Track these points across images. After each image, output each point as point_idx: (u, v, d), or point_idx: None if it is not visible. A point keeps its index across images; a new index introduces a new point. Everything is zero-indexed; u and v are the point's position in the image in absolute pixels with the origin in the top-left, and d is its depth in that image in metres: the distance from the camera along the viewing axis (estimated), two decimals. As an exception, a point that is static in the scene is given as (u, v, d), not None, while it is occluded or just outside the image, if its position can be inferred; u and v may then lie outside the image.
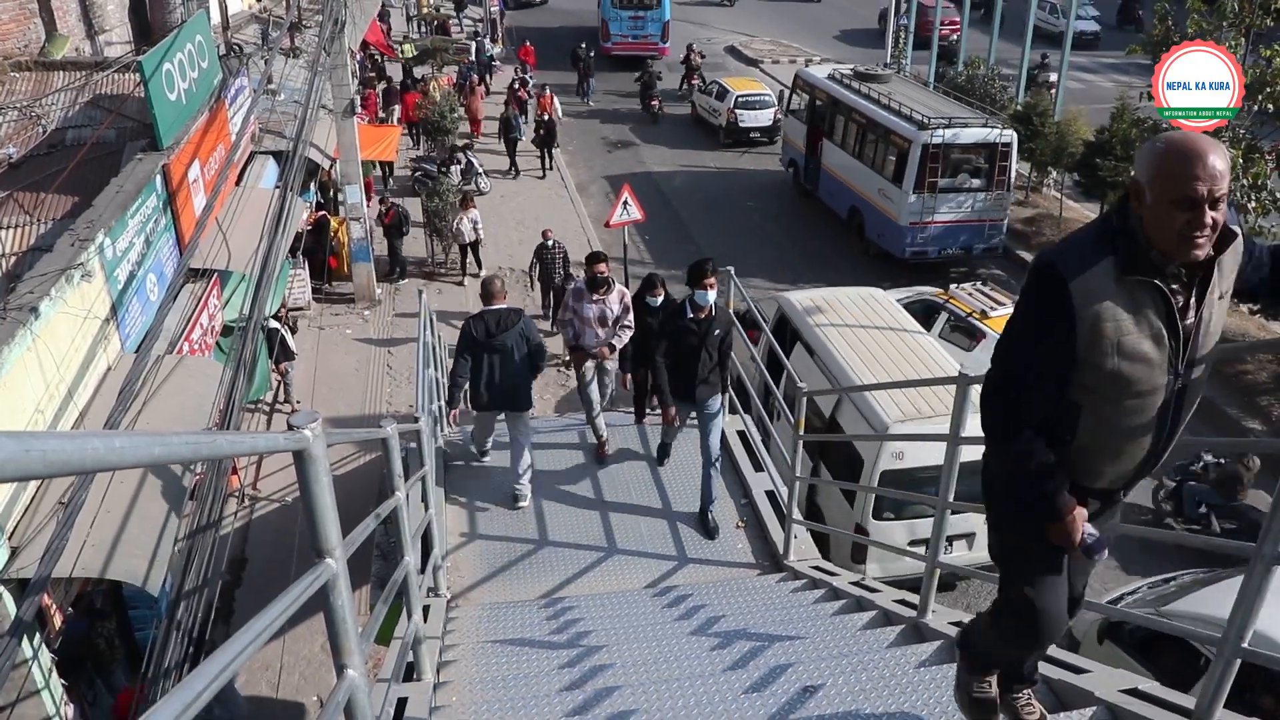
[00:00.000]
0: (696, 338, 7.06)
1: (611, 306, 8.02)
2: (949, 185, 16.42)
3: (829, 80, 19.57)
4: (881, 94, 17.84)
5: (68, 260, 6.91)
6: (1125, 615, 4.92)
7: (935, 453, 6.63)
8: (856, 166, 18.10)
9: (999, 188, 16.67)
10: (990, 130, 16.45)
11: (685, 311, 7.09)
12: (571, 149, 23.72)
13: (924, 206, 16.26)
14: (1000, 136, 16.44)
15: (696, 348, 7.08)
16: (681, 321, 7.11)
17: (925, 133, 16.04)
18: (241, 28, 16.03)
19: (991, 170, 16.55)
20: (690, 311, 7.07)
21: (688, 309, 7.08)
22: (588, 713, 4.18)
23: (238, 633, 1.67)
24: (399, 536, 4.17)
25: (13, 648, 5.54)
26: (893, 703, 3.98)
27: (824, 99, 19.51)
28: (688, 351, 7.09)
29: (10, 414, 5.91)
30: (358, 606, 8.12)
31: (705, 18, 36.65)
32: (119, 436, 1.24)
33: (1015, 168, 17.02)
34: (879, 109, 17.48)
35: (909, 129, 16.39)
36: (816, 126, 19.79)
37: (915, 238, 16.52)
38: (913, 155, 16.11)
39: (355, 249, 15.48)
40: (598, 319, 7.98)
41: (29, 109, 9.61)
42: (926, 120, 16.24)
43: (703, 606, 6.07)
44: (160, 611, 6.81)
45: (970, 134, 16.35)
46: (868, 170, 17.69)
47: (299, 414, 2.06)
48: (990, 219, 16.84)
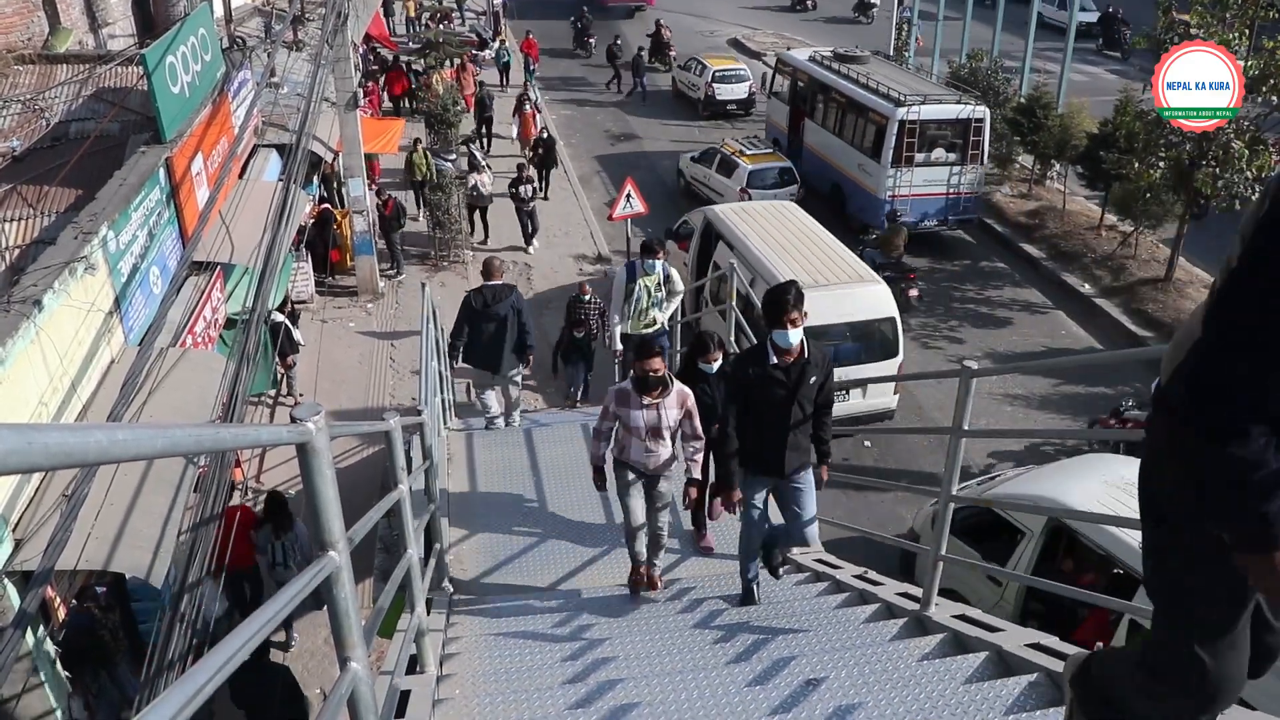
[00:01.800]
0: (784, 389, 5.38)
1: (668, 413, 5.96)
2: (925, 160, 17.13)
3: (810, 62, 20.30)
4: (860, 74, 18.46)
5: (71, 253, 6.92)
6: (963, 499, 5.84)
7: (832, 314, 10.91)
8: (837, 144, 18.78)
9: (973, 162, 17.31)
10: (964, 107, 17.16)
11: (766, 357, 5.35)
12: (574, 142, 23.70)
13: (900, 180, 17.05)
14: (973, 113, 17.10)
15: (784, 403, 5.40)
16: (761, 370, 5.36)
17: (901, 109, 16.69)
18: (244, 21, 16.02)
19: (965, 145, 17.20)
20: (773, 356, 5.35)
21: (769, 353, 5.34)
22: (590, 706, 4.18)
23: (241, 624, 1.67)
24: (402, 529, 4.17)
25: (16, 640, 5.56)
26: (895, 696, 3.98)
27: (805, 80, 20.25)
28: (772, 409, 5.41)
29: (14, 406, 5.92)
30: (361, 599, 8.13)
31: (708, 9, 36.55)
32: (122, 429, 1.24)
33: (988, 143, 17.62)
34: (858, 88, 18.11)
35: (886, 106, 17.03)
36: (798, 107, 20.55)
37: (893, 210, 16.94)
38: (890, 131, 16.81)
39: (358, 242, 15.48)
40: (650, 430, 5.96)
41: (32, 102, 9.62)
42: (902, 97, 16.84)
43: (705, 600, 6.09)
44: (164, 604, 6.83)
45: (944, 110, 17.09)
46: (848, 147, 18.36)
47: (302, 407, 2.06)
48: (965, 191, 17.50)
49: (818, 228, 13.29)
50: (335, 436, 2.21)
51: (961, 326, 15.08)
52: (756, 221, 13.25)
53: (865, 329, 11.63)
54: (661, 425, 5.95)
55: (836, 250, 12.54)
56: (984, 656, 4.24)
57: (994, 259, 17.55)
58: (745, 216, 13.49)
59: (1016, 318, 15.42)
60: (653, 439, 5.97)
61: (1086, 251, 16.73)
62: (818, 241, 12.77)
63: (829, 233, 13.21)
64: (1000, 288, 16.47)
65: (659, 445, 6.01)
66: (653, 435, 5.96)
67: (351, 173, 14.89)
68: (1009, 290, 16.33)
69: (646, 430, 5.94)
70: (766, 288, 10.76)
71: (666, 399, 5.92)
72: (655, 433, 5.96)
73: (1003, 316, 15.42)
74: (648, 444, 5.98)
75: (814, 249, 12.51)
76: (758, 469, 5.57)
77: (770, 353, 5.33)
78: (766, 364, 5.35)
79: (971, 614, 4.88)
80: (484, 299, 8.90)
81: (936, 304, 15.45)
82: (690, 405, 6.00)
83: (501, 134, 22.22)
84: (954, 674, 4.14)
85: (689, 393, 6.04)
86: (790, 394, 5.36)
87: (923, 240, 17.32)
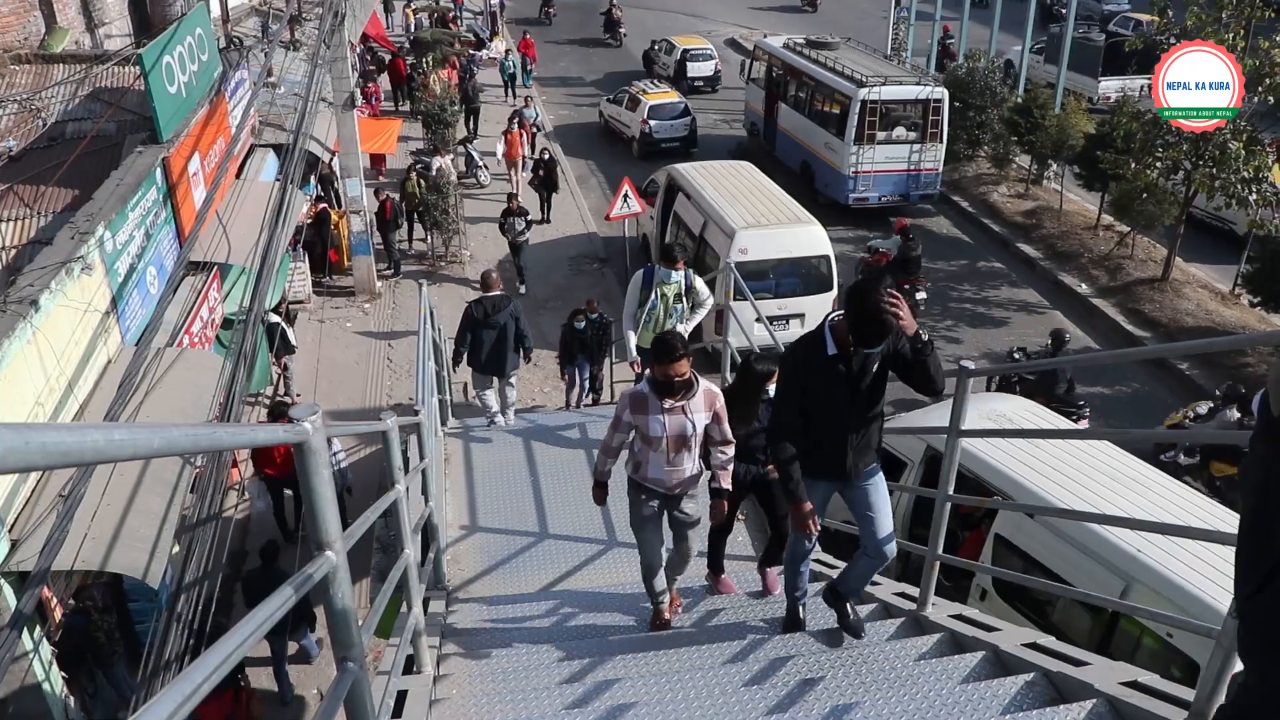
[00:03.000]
0: (844, 383, 4.50)
1: (695, 417, 5.06)
2: (887, 138, 18.11)
3: (784, 49, 21.26)
4: (829, 59, 19.52)
5: (68, 253, 6.91)
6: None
7: (772, 250, 12.82)
8: (807, 125, 19.81)
9: (932, 140, 18.26)
10: (923, 88, 18.20)
11: (823, 344, 4.49)
12: (571, 141, 23.69)
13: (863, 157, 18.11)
14: (932, 93, 18.11)
15: (845, 398, 4.53)
16: (820, 361, 4.50)
17: (864, 90, 17.70)
18: (241, 21, 16.02)
19: (925, 124, 18.14)
20: (832, 344, 4.47)
21: (827, 341, 4.48)
22: (587, 705, 4.18)
23: (238, 625, 1.67)
24: (399, 529, 4.17)
25: (13, 640, 5.55)
26: (892, 695, 3.99)
27: (779, 66, 21.22)
28: (832, 408, 4.56)
29: (10, 406, 5.92)
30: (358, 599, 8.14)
31: (708, 10, 36.55)
32: (119, 429, 1.24)
33: (947, 122, 18.43)
34: (825, 71, 19.16)
35: (849, 87, 18.05)
36: (773, 91, 21.49)
37: (857, 186, 18.19)
38: (853, 110, 17.80)
39: (355, 242, 15.46)
40: (673, 440, 5.06)
41: (29, 102, 9.60)
42: (864, 79, 17.87)
43: (702, 599, 6.08)
44: (160, 604, 6.83)
45: (905, 91, 18.13)
46: (816, 127, 19.41)
47: (299, 407, 2.06)
48: (926, 168, 18.46)
49: (766, 181, 14.83)
50: (332, 436, 2.21)
51: (958, 326, 15.09)
52: (712, 176, 14.82)
53: (803, 264, 13.32)
54: (687, 433, 5.03)
55: (780, 198, 14.11)
56: (981, 656, 4.25)
57: (991, 259, 17.57)
58: (702, 173, 15.06)
59: (1014, 318, 15.43)
60: (676, 451, 5.07)
61: (1083, 251, 16.75)
62: (764, 191, 14.35)
63: (777, 186, 14.70)
64: (997, 287, 16.49)
65: (683, 458, 5.11)
66: (676, 446, 5.06)
67: (349, 173, 14.87)
68: (1006, 290, 16.35)
69: (669, 441, 5.04)
70: (717, 230, 13.15)
71: (692, 400, 5.00)
72: (680, 443, 5.06)
73: (1000, 316, 15.43)
74: (669, 457, 5.08)
75: (760, 197, 14.04)
76: (816, 471, 4.67)
77: (829, 340, 4.50)
78: (823, 354, 4.49)
79: (969, 614, 4.89)
80: (484, 309, 9.35)
81: (934, 304, 15.46)
82: (719, 407, 5.14)
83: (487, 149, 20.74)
84: (951, 674, 4.15)
85: (718, 393, 5.17)
86: (851, 387, 4.50)
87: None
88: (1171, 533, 5.32)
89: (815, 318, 12.94)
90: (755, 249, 12.72)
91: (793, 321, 13.02)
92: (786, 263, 13.19)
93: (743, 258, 12.22)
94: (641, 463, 5.17)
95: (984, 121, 19.96)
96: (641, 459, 5.17)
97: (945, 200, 19.80)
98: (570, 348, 11.61)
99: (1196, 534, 3.89)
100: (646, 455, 5.13)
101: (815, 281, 13.28)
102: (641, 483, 5.21)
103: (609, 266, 16.86)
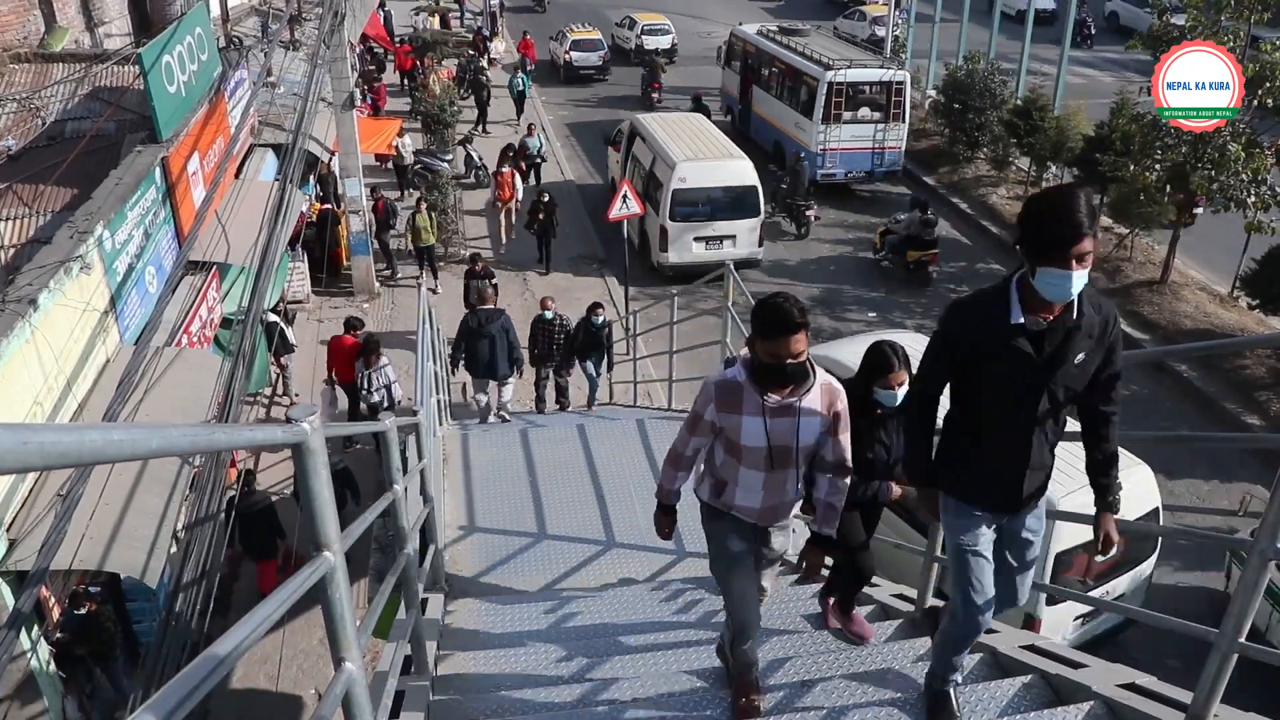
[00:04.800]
0: (1033, 368, 3.21)
1: (809, 421, 3.65)
2: (852, 118, 19.36)
3: (758, 35, 22.59)
4: (799, 44, 20.89)
5: (67, 252, 6.91)
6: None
7: (707, 179, 15.73)
8: (778, 106, 21.19)
9: (895, 120, 19.55)
10: (886, 70, 19.48)
11: (1006, 308, 3.21)
12: (571, 141, 23.70)
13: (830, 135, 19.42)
14: (895, 76, 19.42)
15: (1032, 390, 3.26)
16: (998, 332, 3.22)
17: (830, 72, 18.96)
18: (241, 20, 16.01)
19: (888, 104, 19.42)
20: (1019, 311, 3.19)
21: (1012, 303, 3.21)
22: (587, 706, 4.18)
23: (236, 625, 1.67)
24: (398, 529, 4.17)
25: (11, 639, 5.55)
26: (890, 696, 3.99)
27: (754, 52, 22.50)
28: (1009, 403, 3.31)
29: (8, 406, 5.91)
30: (356, 599, 8.14)
31: (706, 10, 36.55)
32: (117, 429, 1.24)
33: (910, 103, 19.72)
34: (795, 55, 20.42)
35: (817, 70, 19.31)
36: (748, 76, 22.84)
37: (824, 163, 19.37)
38: (820, 91, 19.05)
39: (354, 242, 15.46)
40: (780, 451, 3.66)
41: (28, 101, 9.60)
42: (831, 62, 19.13)
43: (702, 600, 6.08)
44: (159, 604, 6.83)
45: (869, 73, 19.39)
46: (786, 108, 20.72)
47: (297, 407, 2.06)
48: (890, 146, 19.74)
49: (712, 128, 17.85)
50: (330, 436, 2.21)
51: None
52: (666, 124, 17.76)
53: (733, 193, 15.93)
54: (797, 443, 3.64)
55: (719, 139, 17.04)
56: (979, 658, 4.25)
57: (990, 261, 17.57)
58: (658, 121, 17.99)
59: (1013, 319, 15.40)
60: (778, 469, 3.68)
61: (1082, 253, 16.72)
62: (707, 134, 17.24)
63: (720, 132, 17.67)
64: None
65: (786, 481, 3.74)
66: (779, 461, 3.66)
67: (348, 173, 14.87)
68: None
69: (770, 453, 3.63)
70: (662, 163, 15.62)
71: (806, 397, 3.61)
72: (784, 458, 3.66)
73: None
74: (767, 477, 3.69)
75: (702, 138, 16.91)
76: (979, 497, 3.44)
77: (1016, 304, 3.19)
78: (1008, 322, 3.18)
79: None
80: (478, 320, 10.58)
81: (934, 306, 15.46)
82: (841, 407, 3.71)
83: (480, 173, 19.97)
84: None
85: (840, 390, 3.72)
86: (1043, 375, 3.21)
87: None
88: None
89: (744, 240, 15.99)
90: (692, 178, 15.57)
91: (725, 241, 15.82)
92: (719, 190, 15.85)
93: (682, 185, 15.41)
94: (725, 483, 3.79)
95: (983, 123, 19.98)
96: (725, 477, 3.77)
97: (946, 203, 19.81)
98: (584, 350, 11.64)
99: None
100: (733, 472, 3.73)
101: (744, 207, 15.88)
102: (726, 510, 3.86)
103: (608, 267, 16.86)
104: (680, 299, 10.48)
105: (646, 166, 16.65)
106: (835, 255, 17.82)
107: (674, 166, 15.51)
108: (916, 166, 21.58)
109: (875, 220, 18.48)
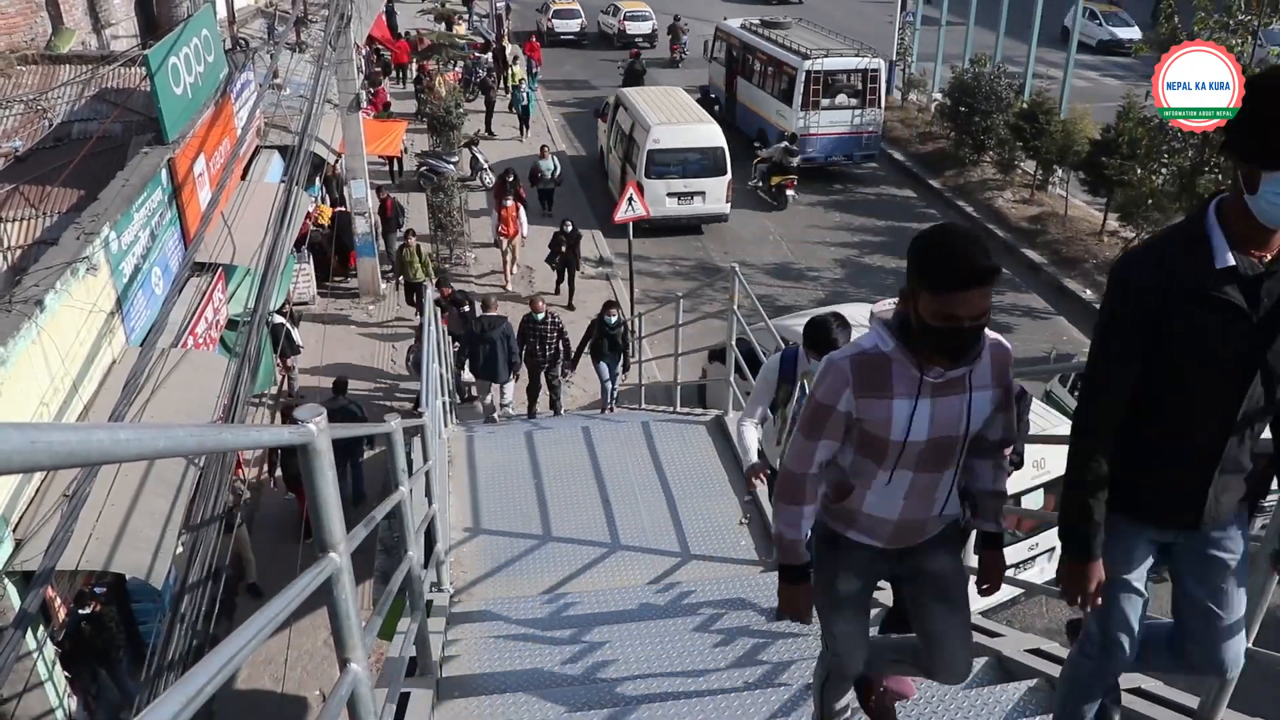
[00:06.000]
0: (1247, 329, 2.40)
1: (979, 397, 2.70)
2: (830, 104, 20.50)
3: (741, 29, 23.81)
4: (780, 36, 22.00)
5: (73, 254, 6.92)
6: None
7: (679, 141, 17.75)
8: (760, 95, 22.32)
9: (871, 106, 20.74)
10: (862, 59, 20.60)
11: (1209, 248, 2.40)
12: (576, 143, 23.72)
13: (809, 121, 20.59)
14: (870, 64, 20.58)
15: (1242, 362, 2.45)
16: (1202, 282, 2.40)
17: (808, 61, 20.17)
18: (247, 22, 16.05)
19: (864, 91, 20.61)
20: (1227, 254, 2.37)
21: (1215, 242, 2.39)
22: (590, 708, 4.18)
23: (241, 626, 1.67)
24: (403, 531, 4.17)
25: (17, 640, 5.56)
26: (895, 700, 3.98)
27: (738, 44, 23.75)
28: (1212, 379, 2.49)
29: (15, 407, 5.92)
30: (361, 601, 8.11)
31: (708, 11, 36.50)
32: (124, 429, 1.24)
33: (885, 90, 21.10)
34: (776, 46, 21.63)
35: (795, 59, 20.50)
36: (732, 68, 24.06)
37: (805, 147, 20.25)
38: (799, 80, 20.20)
39: (360, 243, 15.48)
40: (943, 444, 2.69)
41: (35, 102, 9.63)
42: (809, 51, 20.42)
43: (705, 603, 6.07)
44: (164, 605, 6.83)
45: (845, 62, 20.56)
46: (768, 96, 21.88)
47: (303, 408, 2.06)
48: (866, 131, 20.89)
49: (688, 99, 19.74)
50: (336, 438, 2.21)
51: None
52: (646, 95, 19.65)
53: (703, 152, 17.72)
54: (966, 431, 2.70)
55: (692, 108, 19.14)
56: (984, 662, 4.24)
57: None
58: (640, 93, 19.97)
59: (1018, 323, 15.41)
60: (934, 467, 2.73)
61: (1088, 257, 16.72)
62: (682, 104, 19.12)
63: (694, 101, 19.82)
64: (1002, 293, 16.43)
65: (938, 484, 2.78)
66: (937, 459, 2.72)
67: (354, 174, 14.89)
68: (1010, 295, 16.32)
69: (928, 449, 2.68)
70: (639, 128, 17.98)
71: (980, 368, 2.68)
72: (943, 453, 2.72)
73: (1004, 322, 15.40)
74: (916, 478, 2.73)
75: (677, 107, 18.77)
76: (1145, 511, 2.69)
77: (1217, 239, 2.39)
78: (1212, 266, 2.39)
79: (972, 620, 4.87)
80: (482, 325, 11.17)
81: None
82: (1010, 380, 2.81)
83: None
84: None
85: (1008, 348, 2.79)
86: (1261, 338, 2.41)
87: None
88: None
89: (713, 195, 17.76)
90: (665, 140, 17.42)
91: (695, 197, 17.78)
92: (689, 150, 17.71)
93: (656, 146, 17.31)
94: (853, 489, 2.80)
95: (989, 126, 19.96)
96: (853, 487, 2.80)
97: (952, 206, 19.80)
98: (597, 349, 11.59)
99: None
100: (868, 474, 2.75)
101: (712, 167, 17.66)
102: (853, 537, 2.89)
103: (615, 272, 16.86)
104: (686, 301, 10.48)
105: (627, 131, 18.51)
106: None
107: (649, 129, 17.30)
108: (922, 169, 21.59)
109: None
